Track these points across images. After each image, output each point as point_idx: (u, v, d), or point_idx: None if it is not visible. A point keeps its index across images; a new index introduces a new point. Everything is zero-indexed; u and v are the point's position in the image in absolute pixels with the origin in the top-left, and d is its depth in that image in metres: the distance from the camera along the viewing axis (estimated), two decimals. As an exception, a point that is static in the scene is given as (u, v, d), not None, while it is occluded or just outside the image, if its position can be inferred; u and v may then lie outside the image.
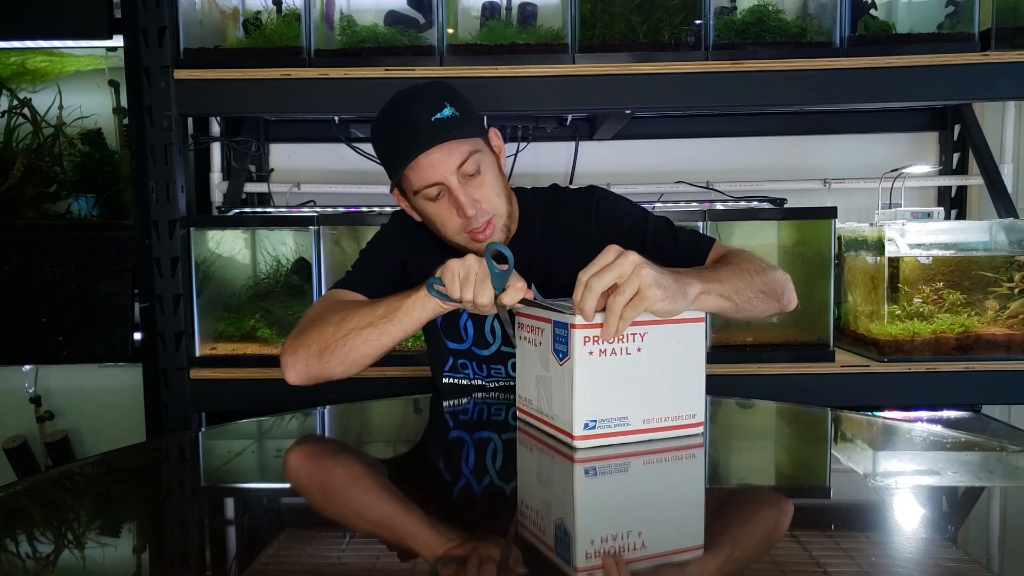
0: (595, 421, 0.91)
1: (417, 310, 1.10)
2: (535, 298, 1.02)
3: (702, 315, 0.96)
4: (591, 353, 0.90)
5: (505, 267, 1.00)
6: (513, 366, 1.30)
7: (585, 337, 0.89)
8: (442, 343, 1.36)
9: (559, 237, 1.31)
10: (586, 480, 0.86)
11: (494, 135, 1.28)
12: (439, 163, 1.16)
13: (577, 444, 0.90)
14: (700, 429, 0.96)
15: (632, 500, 0.81)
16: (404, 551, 0.68)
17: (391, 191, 1.29)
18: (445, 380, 1.39)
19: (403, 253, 1.34)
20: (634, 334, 0.91)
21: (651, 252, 1.21)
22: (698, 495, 0.84)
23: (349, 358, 1.15)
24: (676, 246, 1.25)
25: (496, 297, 1.01)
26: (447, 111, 1.17)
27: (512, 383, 1.31)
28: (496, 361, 1.34)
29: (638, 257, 0.90)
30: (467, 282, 1.01)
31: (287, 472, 0.95)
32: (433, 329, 1.36)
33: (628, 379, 0.92)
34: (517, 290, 1.00)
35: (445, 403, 1.31)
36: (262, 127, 2.28)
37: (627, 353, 0.91)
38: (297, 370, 1.18)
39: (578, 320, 0.89)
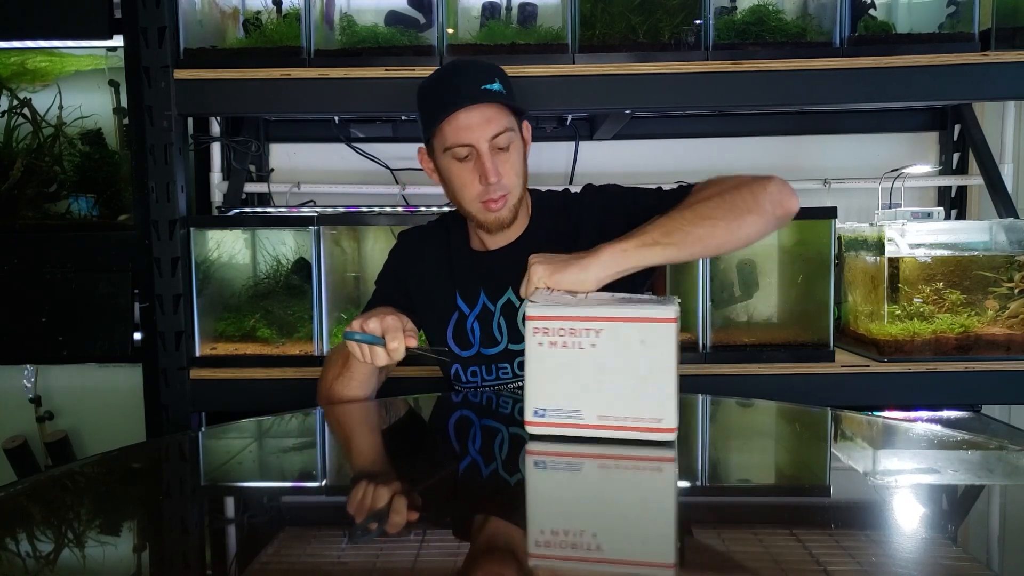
0: (544, 410, 0.94)
1: (358, 359, 1.18)
2: (416, 348, 1.15)
3: (672, 315, 0.90)
4: (540, 344, 0.93)
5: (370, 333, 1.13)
6: (519, 364, 1.34)
7: (535, 328, 0.93)
8: (446, 363, 1.39)
9: (563, 236, 1.35)
10: (534, 471, 0.90)
11: (526, 128, 1.35)
12: (476, 127, 1.23)
13: (529, 430, 0.94)
14: (670, 436, 0.90)
15: (575, 493, 0.83)
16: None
17: (418, 153, 1.36)
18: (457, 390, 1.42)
19: (403, 275, 1.42)
20: (588, 329, 0.92)
21: (642, 219, 1.22)
22: (640, 500, 0.82)
23: (344, 396, 1.30)
24: (658, 202, 1.29)
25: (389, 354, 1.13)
26: (496, 85, 1.25)
27: (520, 382, 1.33)
28: (503, 360, 1.36)
29: (534, 257, 1.07)
30: (364, 355, 1.13)
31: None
32: (442, 343, 1.39)
33: (580, 373, 0.92)
34: (396, 350, 1.11)
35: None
36: (262, 127, 2.28)
37: (580, 348, 0.92)
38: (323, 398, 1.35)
39: (530, 310, 0.94)
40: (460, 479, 0.89)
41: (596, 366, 0.91)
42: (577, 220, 1.35)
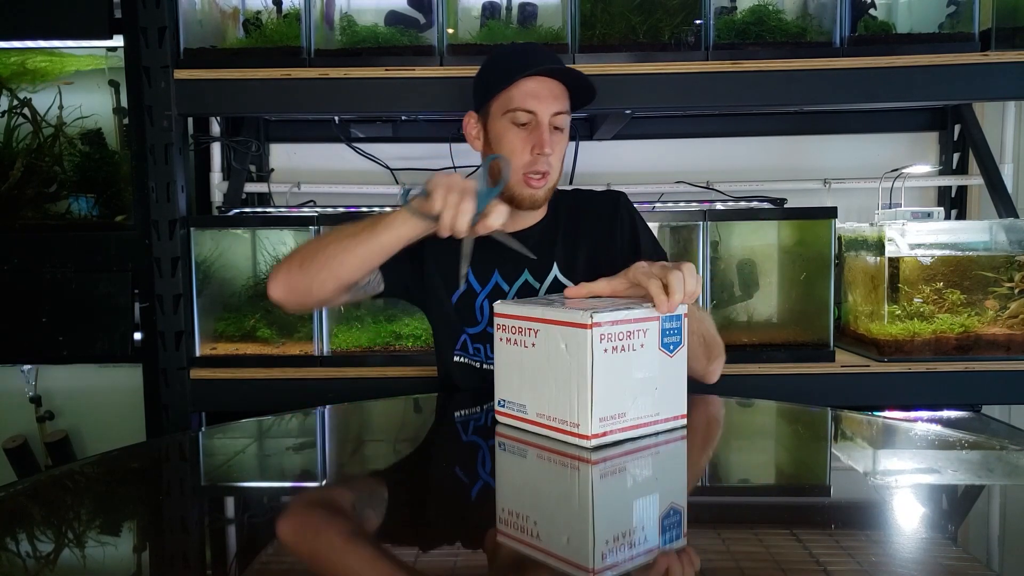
0: (504, 401, 0.99)
1: (397, 226, 1.11)
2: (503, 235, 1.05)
3: (587, 322, 0.87)
4: (500, 339, 0.98)
5: (493, 189, 1.02)
6: None
7: (497, 324, 0.98)
8: (455, 327, 1.37)
9: (584, 229, 1.37)
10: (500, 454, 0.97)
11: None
12: (545, 98, 1.26)
13: (497, 418, 1.00)
14: (588, 442, 0.88)
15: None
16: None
17: (465, 117, 1.36)
18: (456, 359, 1.38)
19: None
20: (529, 329, 0.94)
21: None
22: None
23: (328, 266, 1.16)
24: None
25: (476, 221, 1.01)
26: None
27: None
28: None
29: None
30: (451, 190, 1.02)
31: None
32: (445, 314, 1.36)
33: (525, 370, 0.95)
34: (500, 212, 1.02)
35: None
36: (262, 127, 2.28)
37: (524, 346, 0.95)
38: (278, 282, 1.21)
39: (497, 308, 0.98)
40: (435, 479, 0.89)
41: (535, 365, 0.94)
42: (617, 223, 1.36)
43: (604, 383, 0.88)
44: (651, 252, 1.34)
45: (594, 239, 1.36)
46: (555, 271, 1.35)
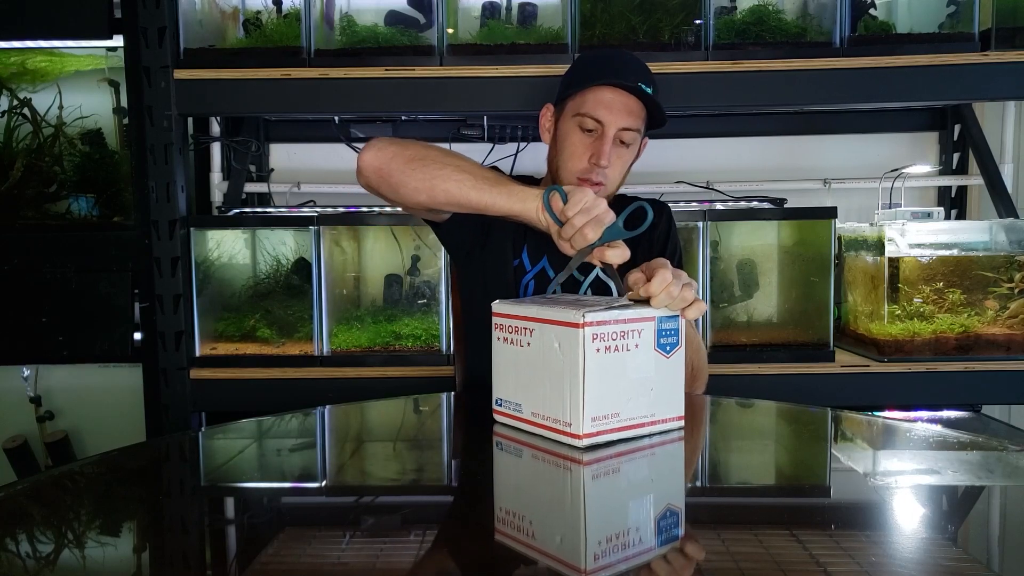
0: (501, 400, 0.99)
1: (517, 200, 1.08)
2: (616, 272, 1.01)
3: (579, 321, 0.87)
4: (498, 339, 0.99)
5: (626, 231, 1.00)
6: None
7: (495, 324, 0.99)
8: (509, 296, 1.35)
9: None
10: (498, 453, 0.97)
11: (644, 143, 1.38)
12: (616, 110, 1.27)
13: (495, 417, 1.00)
14: (580, 442, 0.88)
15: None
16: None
17: (543, 108, 1.38)
18: None
19: None
20: (525, 328, 0.94)
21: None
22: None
23: (431, 183, 1.13)
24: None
25: (597, 246, 0.99)
26: (651, 91, 1.28)
27: None
28: None
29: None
30: (588, 212, 0.99)
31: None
32: (502, 282, 1.35)
33: (521, 369, 0.95)
34: (621, 254, 0.99)
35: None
36: (262, 127, 2.28)
37: (520, 345, 0.95)
38: (380, 156, 1.17)
39: (495, 307, 0.99)
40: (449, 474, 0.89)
41: (530, 364, 0.94)
42: (658, 232, 1.39)
43: (597, 383, 0.88)
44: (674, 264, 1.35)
45: (634, 243, 1.35)
46: (597, 270, 1.37)
